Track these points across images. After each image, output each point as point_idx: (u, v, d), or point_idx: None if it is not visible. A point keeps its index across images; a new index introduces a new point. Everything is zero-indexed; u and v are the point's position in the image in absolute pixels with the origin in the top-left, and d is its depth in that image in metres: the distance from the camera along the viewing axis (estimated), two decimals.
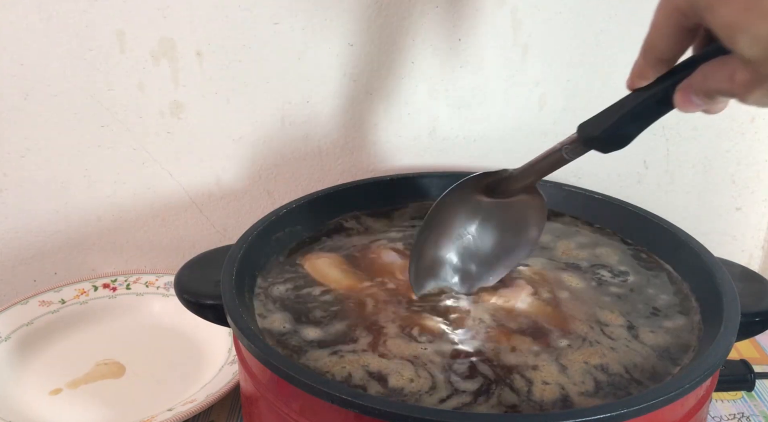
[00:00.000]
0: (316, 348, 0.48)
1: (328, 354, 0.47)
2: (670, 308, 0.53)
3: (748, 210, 0.79)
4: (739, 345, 0.71)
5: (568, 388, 0.45)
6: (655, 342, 0.49)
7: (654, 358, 0.48)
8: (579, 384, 0.45)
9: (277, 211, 0.59)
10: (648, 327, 0.51)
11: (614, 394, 0.44)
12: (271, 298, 0.53)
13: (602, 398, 0.44)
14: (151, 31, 0.67)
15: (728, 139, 0.75)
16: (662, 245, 0.59)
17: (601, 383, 0.45)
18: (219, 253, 0.54)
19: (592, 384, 0.45)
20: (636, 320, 0.52)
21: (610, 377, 0.46)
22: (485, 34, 0.69)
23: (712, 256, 0.54)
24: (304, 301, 0.53)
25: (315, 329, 0.50)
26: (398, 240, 0.61)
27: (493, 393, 0.44)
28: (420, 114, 0.72)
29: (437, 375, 0.45)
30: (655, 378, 0.46)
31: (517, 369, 0.46)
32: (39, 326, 0.69)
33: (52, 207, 0.74)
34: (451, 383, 0.45)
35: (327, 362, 0.46)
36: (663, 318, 0.52)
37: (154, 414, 0.59)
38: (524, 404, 0.43)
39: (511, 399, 0.44)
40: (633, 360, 0.48)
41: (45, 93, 0.68)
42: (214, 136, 0.72)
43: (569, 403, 0.44)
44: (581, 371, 0.46)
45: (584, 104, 0.73)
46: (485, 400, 0.44)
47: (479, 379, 0.45)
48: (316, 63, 0.69)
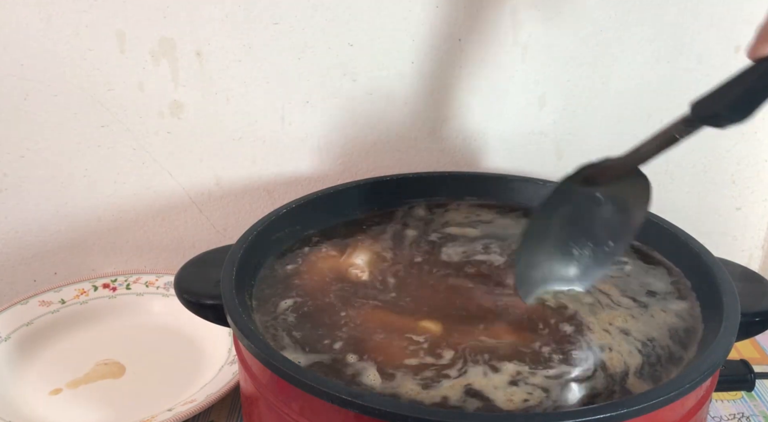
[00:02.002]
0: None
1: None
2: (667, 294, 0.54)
3: (748, 210, 0.79)
4: (739, 345, 0.71)
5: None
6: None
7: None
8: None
9: (277, 211, 0.59)
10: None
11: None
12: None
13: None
14: (151, 31, 0.67)
15: (728, 139, 0.75)
16: (662, 245, 0.59)
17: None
18: (219, 253, 0.54)
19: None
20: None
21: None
22: (485, 34, 0.69)
23: (712, 256, 0.54)
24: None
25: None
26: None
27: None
28: (420, 114, 0.72)
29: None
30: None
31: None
32: (39, 326, 0.69)
33: (52, 207, 0.74)
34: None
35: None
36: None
37: (154, 414, 0.59)
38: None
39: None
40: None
41: (45, 93, 0.68)
42: (214, 136, 0.72)
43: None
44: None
45: (584, 104, 0.73)
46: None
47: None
48: (316, 63, 0.69)
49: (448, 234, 0.62)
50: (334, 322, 0.51)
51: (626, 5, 0.68)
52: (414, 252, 0.60)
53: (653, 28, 0.69)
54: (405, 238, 0.61)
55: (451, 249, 0.60)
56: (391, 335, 0.49)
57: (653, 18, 0.69)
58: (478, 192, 0.68)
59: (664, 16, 0.69)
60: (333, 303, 0.53)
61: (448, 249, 0.60)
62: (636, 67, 0.71)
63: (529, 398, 0.44)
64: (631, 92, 0.72)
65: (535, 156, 0.75)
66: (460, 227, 0.63)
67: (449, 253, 0.59)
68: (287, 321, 0.51)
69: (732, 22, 0.69)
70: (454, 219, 0.64)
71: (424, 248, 0.60)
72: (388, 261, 0.58)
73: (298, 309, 0.52)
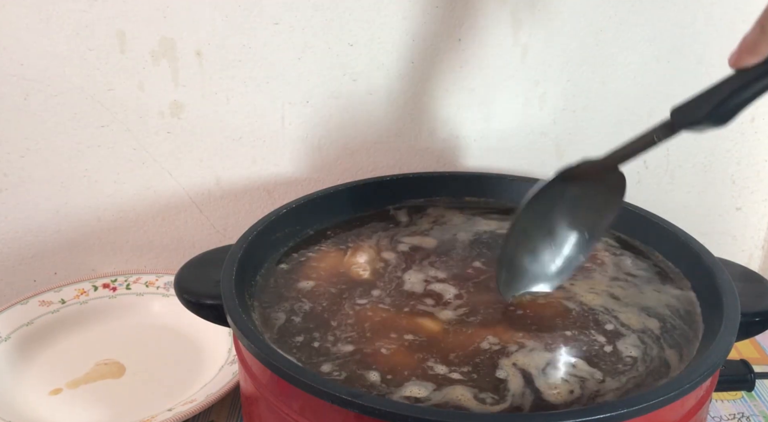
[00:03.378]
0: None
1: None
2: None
3: (748, 210, 0.79)
4: (739, 345, 0.71)
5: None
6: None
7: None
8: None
9: (277, 211, 0.59)
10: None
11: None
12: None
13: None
14: (151, 31, 0.67)
15: (728, 139, 0.75)
16: (662, 245, 0.59)
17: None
18: (219, 253, 0.54)
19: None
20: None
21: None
22: (485, 34, 0.69)
23: (712, 256, 0.54)
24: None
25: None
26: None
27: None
28: (420, 114, 0.72)
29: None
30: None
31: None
32: (39, 326, 0.69)
33: (52, 207, 0.74)
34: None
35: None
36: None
37: (154, 414, 0.59)
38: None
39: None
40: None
41: (45, 93, 0.68)
42: (214, 136, 0.72)
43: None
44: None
45: (584, 104, 0.73)
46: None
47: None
48: (316, 63, 0.69)
49: (448, 232, 0.62)
50: (334, 322, 0.51)
51: (626, 5, 0.68)
52: (414, 251, 0.60)
53: (653, 28, 0.69)
54: (405, 237, 0.62)
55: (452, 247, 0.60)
56: (392, 334, 0.49)
57: (653, 18, 0.69)
58: (478, 192, 0.68)
59: (664, 16, 0.69)
60: (333, 303, 0.53)
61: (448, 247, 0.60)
62: (636, 67, 0.71)
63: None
64: (631, 92, 0.72)
65: (535, 156, 0.75)
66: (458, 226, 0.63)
67: (449, 253, 0.59)
68: (287, 320, 0.51)
69: (732, 22, 0.69)
70: (452, 219, 0.65)
71: (424, 247, 0.60)
72: (389, 260, 0.58)
73: (299, 309, 0.52)
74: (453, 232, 0.62)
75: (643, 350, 0.49)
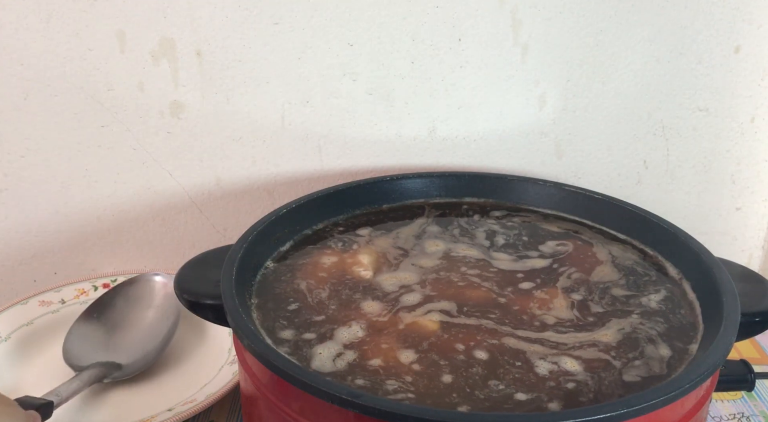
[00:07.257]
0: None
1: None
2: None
3: (748, 210, 0.79)
4: (739, 345, 0.71)
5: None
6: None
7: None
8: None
9: (277, 211, 0.59)
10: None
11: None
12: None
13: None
14: (151, 31, 0.67)
15: (728, 139, 0.75)
16: (662, 245, 0.59)
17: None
18: (219, 253, 0.54)
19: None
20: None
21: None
22: (485, 34, 0.69)
23: (712, 256, 0.54)
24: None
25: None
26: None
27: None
28: (420, 114, 0.72)
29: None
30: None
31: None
32: (39, 326, 0.69)
33: (52, 207, 0.74)
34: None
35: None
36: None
37: (154, 414, 0.59)
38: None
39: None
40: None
41: (45, 93, 0.68)
42: (214, 136, 0.72)
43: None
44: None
45: (584, 104, 0.73)
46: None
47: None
48: (316, 63, 0.69)
49: (448, 232, 0.62)
50: (334, 322, 0.51)
51: (626, 5, 0.68)
52: (415, 251, 0.60)
53: (653, 28, 0.69)
54: (405, 237, 0.61)
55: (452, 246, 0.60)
56: (393, 334, 0.49)
57: (653, 18, 0.69)
58: (478, 192, 0.68)
59: (664, 16, 0.69)
60: (334, 303, 0.53)
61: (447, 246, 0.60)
62: (636, 67, 0.71)
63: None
64: (631, 92, 0.72)
65: (535, 156, 0.75)
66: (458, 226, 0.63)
67: (450, 253, 0.59)
68: (287, 320, 0.51)
69: (732, 22, 0.69)
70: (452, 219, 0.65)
71: (423, 247, 0.60)
72: (390, 260, 0.58)
73: (299, 309, 0.52)
74: (453, 232, 0.63)
75: (642, 350, 0.49)
